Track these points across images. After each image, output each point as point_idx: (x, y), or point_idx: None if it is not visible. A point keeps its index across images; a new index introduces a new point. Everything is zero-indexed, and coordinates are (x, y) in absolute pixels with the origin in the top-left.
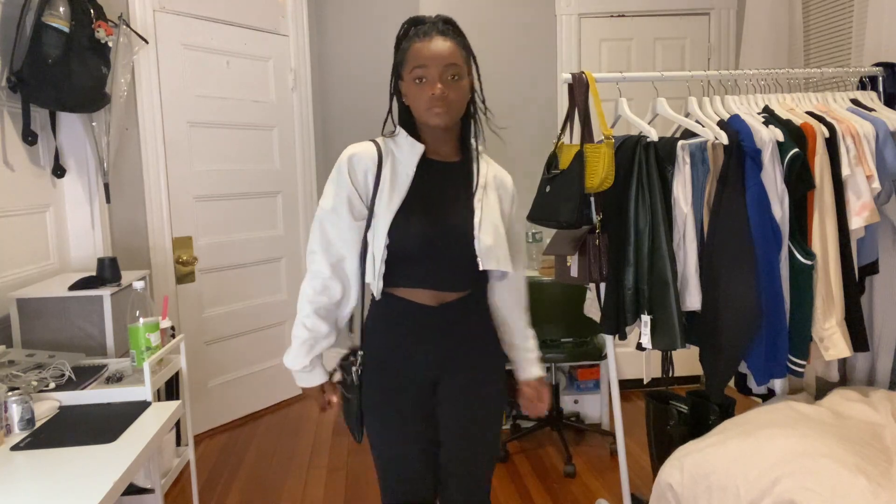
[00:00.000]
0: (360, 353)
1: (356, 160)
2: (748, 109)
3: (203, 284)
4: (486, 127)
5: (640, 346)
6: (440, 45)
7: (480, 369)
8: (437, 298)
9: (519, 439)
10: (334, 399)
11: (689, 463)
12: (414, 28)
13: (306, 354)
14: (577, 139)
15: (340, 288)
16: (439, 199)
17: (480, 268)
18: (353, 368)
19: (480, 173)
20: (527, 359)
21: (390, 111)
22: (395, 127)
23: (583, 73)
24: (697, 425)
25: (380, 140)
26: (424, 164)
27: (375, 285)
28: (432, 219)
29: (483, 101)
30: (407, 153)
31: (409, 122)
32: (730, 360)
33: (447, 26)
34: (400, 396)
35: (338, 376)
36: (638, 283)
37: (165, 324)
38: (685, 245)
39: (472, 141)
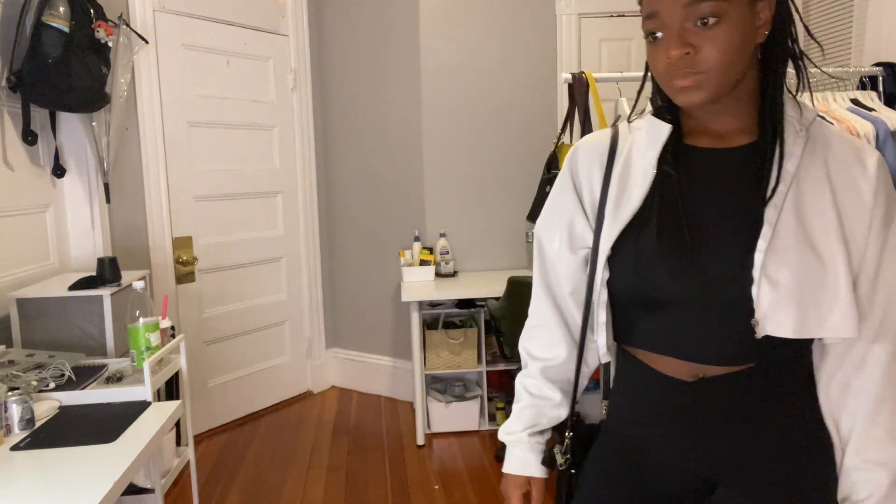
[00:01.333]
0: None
1: (581, 155)
2: None
3: (203, 284)
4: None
5: None
6: None
7: (787, 479)
8: (692, 372)
9: None
10: None
11: None
12: None
13: (525, 426)
14: (577, 139)
15: (569, 342)
16: (703, 211)
17: (757, 334)
18: (560, 457)
19: (786, 160)
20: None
21: (643, 85)
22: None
23: (583, 72)
24: None
25: (622, 125)
26: (683, 154)
27: (599, 341)
28: (685, 246)
29: (797, 42)
30: (648, 139)
31: (665, 96)
32: None
33: None
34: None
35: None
36: None
37: (165, 324)
38: None
39: (784, 108)
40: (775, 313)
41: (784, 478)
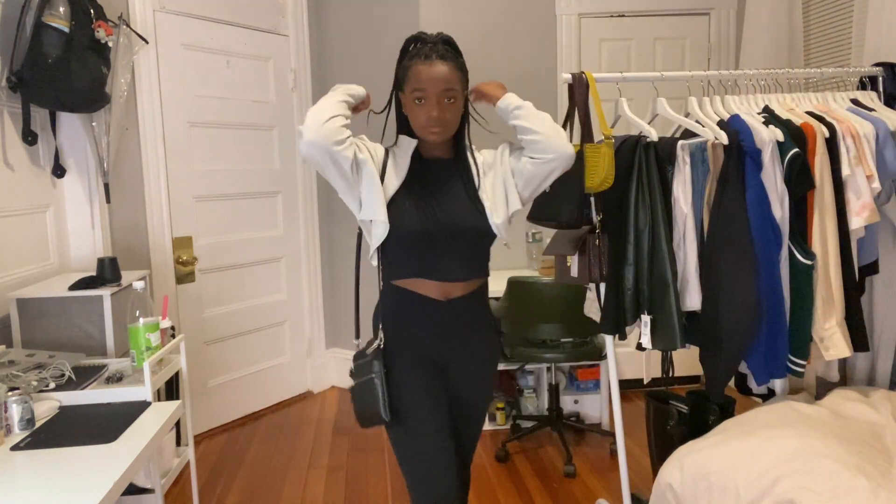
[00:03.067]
0: (381, 339)
1: (372, 147)
2: (748, 109)
3: (203, 284)
4: (481, 127)
5: (640, 346)
6: (439, 69)
7: (482, 353)
8: (443, 291)
9: (519, 439)
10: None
11: (689, 463)
12: (416, 46)
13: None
14: (577, 139)
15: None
16: (438, 190)
17: (501, 238)
18: (375, 352)
19: (478, 168)
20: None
21: (388, 114)
22: (395, 137)
23: (583, 73)
24: (697, 425)
25: (390, 148)
26: (420, 160)
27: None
28: (430, 207)
29: (474, 115)
30: (404, 149)
31: (408, 128)
32: (730, 360)
33: (446, 48)
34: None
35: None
36: (638, 283)
37: (165, 324)
38: (685, 245)
39: (466, 142)
40: (503, 229)
41: (481, 356)
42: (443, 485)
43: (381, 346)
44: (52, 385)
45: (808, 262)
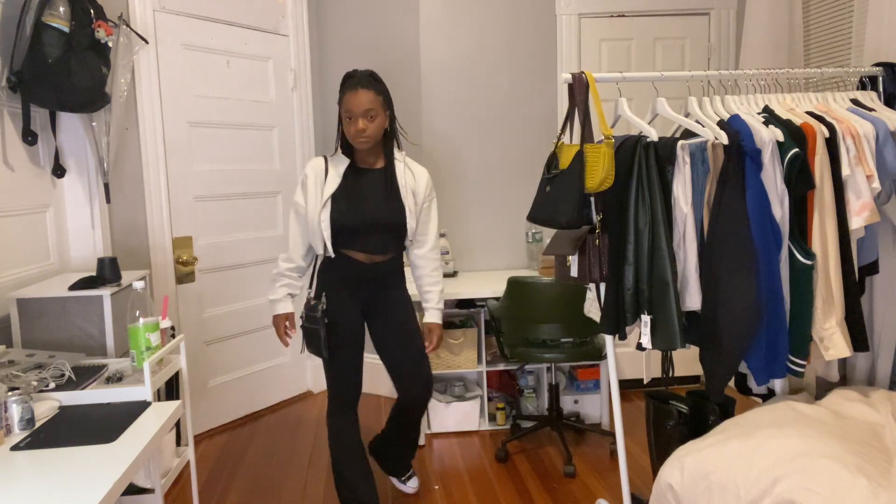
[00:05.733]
0: (323, 295)
1: (311, 168)
2: (748, 109)
3: (203, 284)
4: (406, 140)
5: (640, 346)
6: (362, 96)
7: (396, 302)
8: (370, 259)
9: (519, 439)
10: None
11: (689, 463)
12: (348, 81)
13: (284, 293)
14: (577, 139)
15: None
16: (366, 192)
17: (408, 239)
18: (319, 306)
19: (398, 175)
20: (427, 308)
21: (339, 135)
22: (336, 148)
23: (583, 73)
24: (697, 425)
25: (329, 157)
26: (354, 170)
27: (329, 248)
28: (359, 206)
29: (399, 129)
30: (339, 164)
31: (346, 142)
32: (730, 359)
33: (370, 79)
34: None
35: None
36: (638, 283)
37: (165, 324)
38: (685, 245)
39: (396, 151)
40: (413, 234)
41: (397, 304)
42: (350, 390)
43: (325, 306)
44: (52, 385)
45: (808, 262)
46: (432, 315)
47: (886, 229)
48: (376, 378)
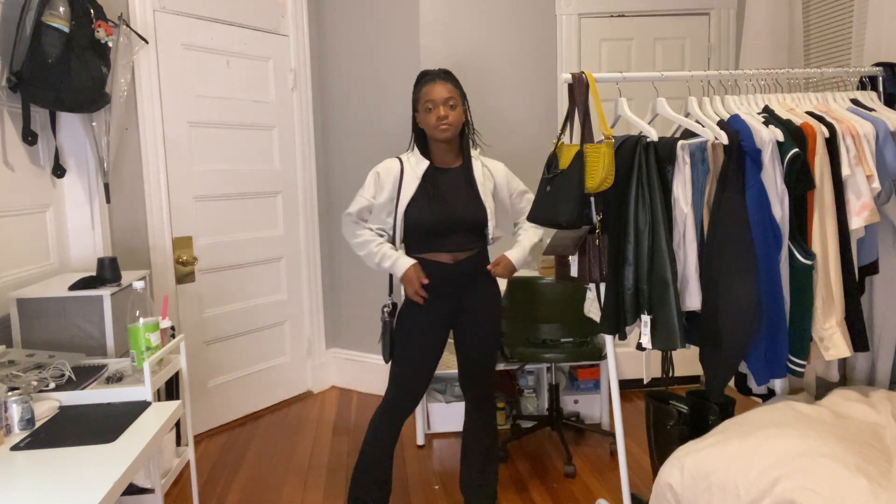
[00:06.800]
0: (391, 302)
1: (384, 169)
2: (748, 109)
3: (203, 284)
4: (479, 141)
5: (640, 346)
6: (441, 86)
7: (487, 302)
8: (453, 258)
9: (519, 439)
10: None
11: (689, 463)
12: (425, 77)
13: (398, 253)
14: (577, 139)
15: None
16: (445, 191)
17: (491, 236)
18: (385, 308)
19: (476, 173)
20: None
21: (413, 135)
22: (411, 147)
23: (583, 73)
24: (697, 425)
25: (402, 156)
26: (433, 169)
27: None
28: (440, 205)
29: (473, 125)
30: (417, 165)
31: (423, 142)
32: (730, 359)
33: (446, 74)
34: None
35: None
36: (638, 283)
37: (165, 324)
38: (685, 245)
39: (472, 150)
40: (494, 232)
41: (488, 305)
42: (405, 399)
43: (389, 308)
44: (52, 385)
45: (808, 262)
46: (512, 251)
47: (886, 229)
48: (377, 378)
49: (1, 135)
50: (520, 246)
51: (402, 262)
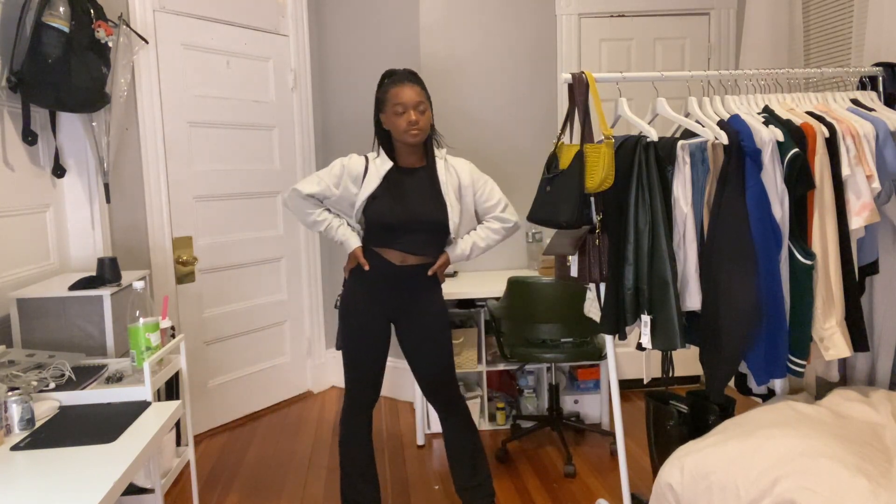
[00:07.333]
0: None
1: (352, 162)
2: (748, 109)
3: (203, 284)
4: (443, 142)
5: (640, 346)
6: (410, 90)
7: (430, 313)
8: (402, 260)
9: (519, 439)
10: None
11: (689, 463)
12: (392, 76)
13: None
14: (577, 139)
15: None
16: (408, 191)
17: (451, 238)
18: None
19: (440, 174)
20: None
21: (377, 134)
22: (376, 149)
23: (583, 73)
24: (697, 425)
25: (369, 154)
26: (397, 170)
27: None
28: (402, 204)
29: (435, 126)
30: (381, 166)
31: (386, 142)
32: (730, 360)
33: (414, 76)
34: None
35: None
36: (638, 283)
37: (165, 324)
38: (685, 245)
39: (436, 150)
40: (456, 232)
41: (430, 315)
42: (364, 393)
43: (340, 299)
44: (52, 385)
45: (808, 262)
46: (452, 248)
47: (886, 229)
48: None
49: (1, 135)
50: (464, 241)
51: (354, 241)
